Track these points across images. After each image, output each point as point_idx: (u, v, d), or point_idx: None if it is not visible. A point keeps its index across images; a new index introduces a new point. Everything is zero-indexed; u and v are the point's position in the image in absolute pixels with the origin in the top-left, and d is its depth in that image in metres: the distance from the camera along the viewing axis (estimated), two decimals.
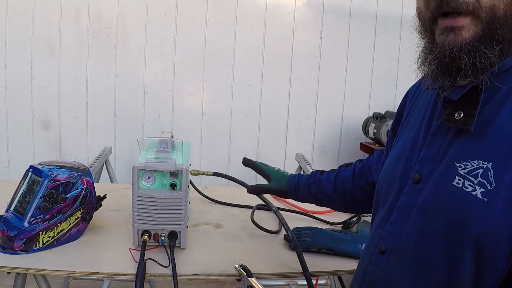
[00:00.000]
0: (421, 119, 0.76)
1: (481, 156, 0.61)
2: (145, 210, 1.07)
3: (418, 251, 0.67)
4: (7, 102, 2.64)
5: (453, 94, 0.65)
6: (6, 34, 2.56)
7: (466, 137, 0.64)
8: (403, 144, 0.78)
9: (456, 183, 0.62)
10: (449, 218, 0.63)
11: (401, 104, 0.89)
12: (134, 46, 2.66)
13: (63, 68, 2.64)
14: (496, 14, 0.60)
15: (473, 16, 0.60)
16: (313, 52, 2.79)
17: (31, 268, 0.99)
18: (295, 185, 1.12)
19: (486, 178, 0.60)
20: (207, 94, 2.77)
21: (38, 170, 1.09)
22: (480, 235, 0.59)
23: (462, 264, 0.62)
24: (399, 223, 0.71)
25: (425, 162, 0.69)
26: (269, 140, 2.86)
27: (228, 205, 1.51)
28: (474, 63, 0.61)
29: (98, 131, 2.72)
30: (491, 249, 0.59)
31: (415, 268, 0.67)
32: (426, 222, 0.66)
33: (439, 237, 0.64)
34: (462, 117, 0.64)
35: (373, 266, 0.74)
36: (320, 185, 1.10)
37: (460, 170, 0.63)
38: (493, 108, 0.62)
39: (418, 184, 0.69)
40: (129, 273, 1.00)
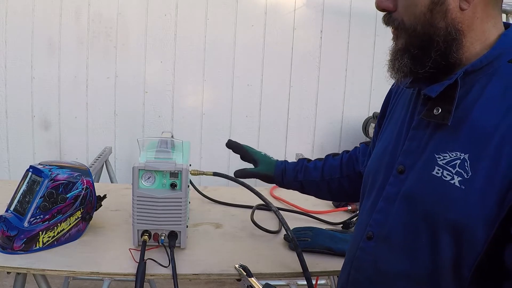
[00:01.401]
0: (404, 114, 0.81)
1: (458, 148, 0.66)
2: (145, 210, 1.07)
3: (403, 236, 0.72)
4: (7, 102, 2.63)
5: (431, 91, 0.71)
6: (6, 34, 2.56)
7: (444, 131, 0.70)
8: (388, 137, 0.84)
9: (436, 173, 0.68)
10: (430, 205, 0.68)
11: (385, 101, 0.96)
12: (134, 46, 2.66)
13: (63, 68, 2.64)
14: (416, 31, 0.70)
15: (401, 31, 0.72)
16: (313, 52, 2.79)
17: (31, 268, 0.99)
18: (282, 171, 1.15)
19: (463, 168, 0.65)
20: (207, 94, 2.76)
21: (38, 170, 1.09)
22: (458, 220, 0.65)
23: (442, 247, 0.67)
24: (384, 211, 0.76)
25: (408, 154, 0.75)
26: (269, 140, 2.85)
27: (228, 205, 1.51)
28: (406, 63, 0.72)
29: (98, 131, 2.72)
30: (469, 233, 0.64)
31: (400, 252, 0.73)
32: (409, 210, 0.72)
33: (422, 223, 0.70)
34: (440, 113, 0.69)
35: (361, 252, 0.79)
36: (307, 173, 1.13)
37: (439, 161, 0.68)
38: (468, 104, 0.68)
39: (402, 175, 0.75)
40: (129, 273, 1.00)
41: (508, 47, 0.69)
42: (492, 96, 0.66)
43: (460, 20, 0.68)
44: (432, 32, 0.69)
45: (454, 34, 0.68)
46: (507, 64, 0.68)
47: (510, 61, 0.68)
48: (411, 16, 0.70)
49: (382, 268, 0.75)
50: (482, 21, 0.69)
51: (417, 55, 0.71)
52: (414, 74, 0.73)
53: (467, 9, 0.68)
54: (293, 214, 1.47)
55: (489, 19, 0.69)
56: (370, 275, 0.77)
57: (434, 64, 0.70)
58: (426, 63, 0.70)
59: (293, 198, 1.58)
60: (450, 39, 0.69)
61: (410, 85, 0.78)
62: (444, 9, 0.68)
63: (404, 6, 0.71)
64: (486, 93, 0.67)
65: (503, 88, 0.66)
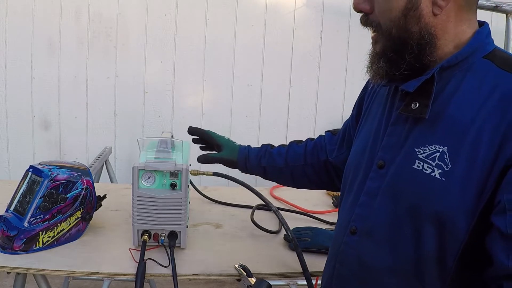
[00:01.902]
0: (381, 111, 0.83)
1: (437, 141, 0.69)
2: (145, 210, 1.07)
3: (386, 230, 0.74)
4: (7, 102, 2.63)
5: (408, 86, 0.73)
6: (6, 34, 2.56)
7: (422, 125, 0.71)
8: (366, 134, 0.86)
9: (417, 166, 0.70)
10: (413, 198, 0.70)
11: (359, 99, 0.99)
12: (134, 46, 2.66)
13: (63, 68, 2.64)
14: (391, 35, 0.72)
15: (379, 33, 0.75)
16: (313, 52, 2.79)
17: (31, 268, 0.99)
18: (245, 156, 1.16)
19: (442, 161, 0.67)
20: (207, 94, 2.76)
21: (38, 170, 1.09)
22: (440, 211, 0.67)
23: (426, 238, 0.69)
24: (366, 205, 0.78)
25: (387, 149, 0.77)
26: (269, 140, 2.83)
27: (228, 205, 1.51)
28: (382, 66, 0.74)
29: (98, 131, 2.72)
30: (451, 223, 0.66)
31: (384, 245, 0.74)
32: (392, 203, 0.73)
33: (405, 215, 0.71)
34: (418, 107, 0.71)
35: (345, 246, 0.81)
36: (271, 159, 1.15)
37: (419, 154, 0.70)
38: (445, 98, 0.70)
39: (382, 170, 0.76)
40: (129, 273, 1.00)
41: (482, 44, 0.72)
42: (468, 90, 0.69)
43: (433, 24, 0.71)
44: (406, 36, 0.71)
45: (428, 38, 0.71)
46: (482, 60, 0.71)
47: (485, 57, 0.71)
48: (387, 20, 0.73)
49: (366, 262, 0.77)
50: (455, 24, 0.71)
51: (392, 58, 0.73)
52: (390, 77, 0.75)
53: (440, 14, 0.70)
54: (293, 214, 1.47)
55: (463, 22, 0.72)
56: (354, 269, 0.79)
57: (408, 66, 0.73)
58: (401, 65, 0.73)
59: (293, 198, 1.58)
60: (423, 42, 0.71)
61: (387, 83, 0.79)
62: (417, 14, 0.70)
63: (380, 10, 0.74)
64: (462, 87, 0.70)
65: (478, 83, 0.69)
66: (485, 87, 0.68)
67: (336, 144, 1.08)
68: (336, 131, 1.12)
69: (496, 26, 2.67)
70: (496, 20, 2.66)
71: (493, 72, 0.69)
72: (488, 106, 0.66)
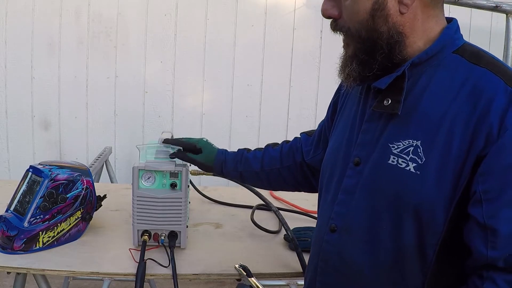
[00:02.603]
0: (355, 109, 0.85)
1: (411, 136, 0.70)
2: (145, 210, 1.07)
3: (365, 225, 0.75)
4: (7, 102, 2.63)
5: (381, 83, 0.74)
6: (6, 34, 2.56)
7: (396, 121, 0.73)
8: (341, 132, 0.87)
9: (391, 161, 0.71)
10: (389, 193, 0.72)
11: (334, 98, 1.00)
12: (134, 46, 2.66)
13: (63, 68, 2.64)
14: (361, 37, 0.73)
15: (349, 37, 0.76)
16: (313, 52, 2.78)
17: (31, 268, 0.99)
18: (221, 162, 1.14)
19: (416, 154, 0.69)
20: (207, 94, 2.76)
21: (38, 170, 1.09)
22: (417, 204, 0.68)
23: (405, 232, 0.70)
24: (345, 203, 0.79)
25: (362, 146, 0.78)
26: (269, 140, 2.81)
27: (228, 205, 1.51)
28: (355, 69, 0.75)
29: (98, 131, 2.72)
30: (428, 215, 0.68)
31: (364, 240, 0.76)
32: (369, 199, 0.75)
33: (383, 210, 0.73)
34: (390, 103, 0.72)
35: (326, 244, 0.82)
36: (247, 163, 1.13)
37: (394, 149, 0.71)
38: (417, 94, 0.72)
39: (358, 167, 0.78)
40: (129, 273, 1.00)
41: (451, 39, 0.73)
42: (440, 85, 0.70)
43: (401, 23, 0.72)
44: (375, 36, 0.72)
45: (397, 37, 0.72)
46: (451, 55, 0.72)
47: (454, 52, 0.72)
48: (356, 23, 0.74)
49: (348, 259, 0.78)
50: (423, 21, 0.73)
51: (364, 59, 0.74)
52: (363, 78, 0.76)
53: (406, 13, 0.71)
54: (293, 214, 1.47)
55: (430, 19, 0.73)
56: (337, 266, 0.80)
57: (380, 66, 0.74)
58: (373, 66, 0.74)
59: (293, 198, 1.58)
60: (393, 42, 0.72)
61: (360, 83, 0.80)
62: (385, 14, 0.71)
63: (348, 14, 0.75)
64: (433, 83, 0.71)
65: (449, 77, 0.70)
66: (456, 81, 0.69)
67: (312, 145, 1.08)
68: (311, 132, 1.12)
69: (496, 26, 2.68)
70: (496, 20, 2.67)
71: (463, 66, 0.70)
72: (459, 99, 0.67)
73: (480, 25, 2.77)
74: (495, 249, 0.63)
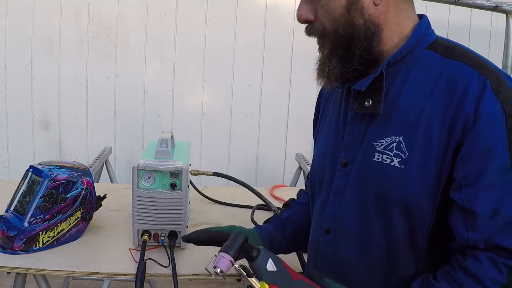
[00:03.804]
0: (337, 113, 0.86)
1: (393, 133, 0.72)
2: (145, 210, 1.07)
3: (357, 224, 0.77)
4: (7, 102, 2.63)
5: (360, 85, 0.76)
6: (6, 34, 2.56)
7: (378, 120, 0.75)
8: (326, 137, 0.89)
9: (376, 159, 0.74)
10: (377, 189, 0.74)
11: (317, 103, 1.01)
12: (134, 46, 2.66)
13: (63, 68, 2.64)
14: (338, 34, 0.75)
15: (325, 38, 0.77)
16: (313, 52, 2.76)
17: (31, 268, 0.99)
18: (268, 236, 0.99)
19: (400, 150, 0.71)
20: (207, 94, 2.76)
21: (38, 170, 1.09)
22: (404, 197, 0.71)
23: (395, 226, 0.73)
24: (336, 204, 0.81)
25: (348, 147, 0.80)
26: (269, 140, 2.86)
27: (228, 205, 1.51)
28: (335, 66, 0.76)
29: (98, 131, 2.72)
30: (416, 207, 0.70)
31: (357, 239, 0.78)
32: (359, 198, 0.77)
33: (372, 207, 0.75)
34: (371, 104, 0.75)
35: (322, 245, 0.84)
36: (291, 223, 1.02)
37: (377, 147, 0.74)
38: (395, 91, 0.74)
39: (346, 168, 0.80)
40: (129, 273, 1.00)
41: (423, 35, 0.76)
42: (416, 81, 0.73)
43: (376, 15, 0.74)
44: (353, 30, 0.74)
45: (373, 29, 0.74)
46: (424, 51, 0.75)
47: (427, 47, 0.75)
48: (332, 21, 0.75)
49: (343, 259, 0.80)
50: (395, 14, 0.75)
51: (343, 55, 0.76)
52: (345, 75, 0.77)
53: (380, 4, 0.74)
54: None
55: (401, 12, 0.76)
56: (334, 266, 0.81)
57: (360, 60, 0.75)
58: (353, 60, 0.75)
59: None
60: (370, 33, 0.74)
61: (340, 85, 0.81)
62: (360, 7, 0.73)
63: (323, 13, 0.77)
64: (409, 80, 0.73)
65: (424, 73, 0.73)
66: (430, 76, 0.71)
67: None
68: None
69: (496, 26, 2.68)
70: (496, 20, 2.67)
71: (437, 61, 0.72)
72: (435, 93, 0.70)
73: (480, 25, 2.77)
74: (475, 231, 0.65)
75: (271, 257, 0.75)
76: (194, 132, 2.79)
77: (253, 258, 0.75)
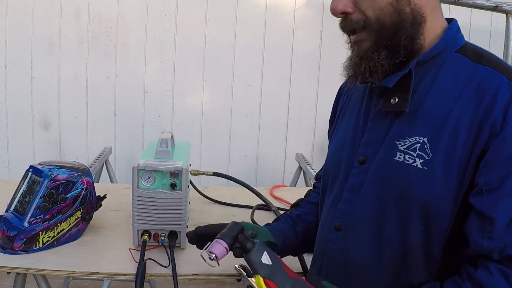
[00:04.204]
0: (358, 109, 0.85)
1: (417, 133, 0.71)
2: (145, 210, 1.07)
3: (371, 223, 0.75)
4: (7, 102, 2.64)
5: (387, 82, 0.75)
6: (6, 34, 2.56)
7: (402, 119, 0.74)
8: (344, 132, 0.87)
9: (398, 158, 0.72)
10: (397, 189, 0.72)
11: (336, 100, 1.00)
12: (134, 46, 2.66)
13: (63, 68, 2.64)
14: (384, 24, 0.72)
15: (367, 30, 0.74)
16: (313, 52, 2.79)
17: (31, 268, 0.99)
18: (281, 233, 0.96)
19: (423, 151, 0.70)
20: (207, 94, 2.77)
21: (38, 170, 1.09)
22: (424, 199, 0.69)
23: (412, 228, 0.71)
24: (350, 201, 0.79)
25: (368, 145, 0.78)
26: (269, 140, 2.86)
27: (228, 205, 1.51)
28: (369, 67, 0.74)
29: (98, 131, 2.72)
30: (435, 211, 0.69)
31: (369, 238, 0.76)
32: (376, 197, 0.75)
33: (389, 207, 0.73)
34: (397, 102, 0.73)
35: (331, 243, 0.82)
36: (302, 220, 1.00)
37: (400, 146, 0.72)
38: (422, 91, 0.73)
39: (363, 165, 0.78)
40: (129, 273, 1.00)
41: (453, 39, 0.75)
42: (444, 84, 0.72)
43: (421, 5, 0.73)
44: (400, 19, 0.72)
45: (419, 20, 0.73)
46: (454, 54, 0.74)
47: (457, 51, 0.74)
48: (377, 10, 0.73)
49: (353, 257, 0.78)
50: (431, 9, 0.74)
51: (391, 46, 0.73)
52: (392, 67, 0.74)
53: None
54: None
55: (437, 9, 0.76)
56: (342, 264, 0.80)
57: (404, 51, 0.73)
58: (400, 52, 0.73)
59: (293, 198, 1.58)
60: (416, 23, 0.73)
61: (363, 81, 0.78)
62: None
63: (366, 3, 0.73)
64: (438, 81, 0.73)
65: (453, 76, 0.72)
66: (460, 80, 0.71)
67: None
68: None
69: (496, 26, 2.68)
70: (496, 20, 2.67)
71: (467, 66, 0.72)
72: (464, 97, 0.69)
73: (480, 25, 2.77)
74: (491, 239, 0.64)
75: (266, 251, 0.74)
76: (194, 132, 2.79)
77: (248, 250, 0.74)
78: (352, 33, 0.77)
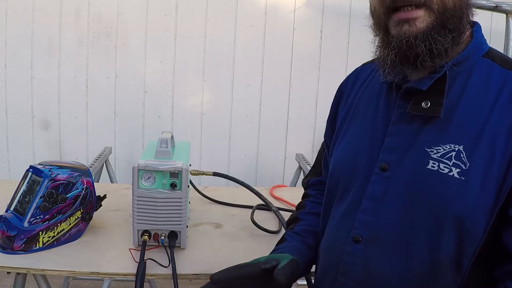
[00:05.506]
0: (373, 111, 0.79)
1: (451, 140, 0.67)
2: (145, 210, 1.07)
3: (397, 235, 0.70)
4: (7, 102, 2.63)
5: (421, 84, 0.70)
6: (6, 34, 2.56)
7: (433, 124, 0.69)
8: (356, 136, 0.81)
9: (431, 167, 0.67)
10: (430, 200, 0.67)
11: (336, 100, 0.94)
12: (134, 46, 2.66)
13: (63, 68, 2.64)
14: (446, 6, 0.67)
15: (426, 7, 0.66)
16: (313, 52, 2.78)
17: (31, 268, 0.99)
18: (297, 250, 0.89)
19: (459, 160, 0.65)
20: (207, 94, 2.76)
21: (38, 170, 1.09)
22: (460, 212, 0.65)
23: (443, 242, 0.66)
24: (371, 211, 0.73)
25: (391, 150, 0.73)
26: (269, 140, 2.85)
27: (228, 205, 1.51)
28: (431, 49, 0.67)
29: (98, 131, 2.72)
30: (471, 223, 0.65)
31: (395, 251, 0.70)
32: (403, 207, 0.70)
33: (420, 219, 0.68)
34: (429, 106, 0.69)
35: (348, 256, 0.75)
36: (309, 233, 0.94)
37: (433, 154, 0.67)
38: (454, 96, 0.69)
39: (386, 172, 0.72)
40: (129, 273, 1.00)
41: (480, 43, 0.73)
42: (476, 89, 0.69)
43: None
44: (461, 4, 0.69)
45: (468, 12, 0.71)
46: (482, 59, 0.71)
47: (484, 56, 0.72)
48: None
49: (374, 271, 0.72)
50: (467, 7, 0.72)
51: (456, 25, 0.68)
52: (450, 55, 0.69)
53: None
54: None
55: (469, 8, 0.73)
56: (360, 279, 0.74)
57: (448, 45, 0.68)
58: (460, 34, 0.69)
59: (293, 198, 1.58)
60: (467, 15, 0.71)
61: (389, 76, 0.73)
62: None
63: None
64: (469, 87, 0.69)
65: (484, 81, 0.69)
66: (492, 86, 0.68)
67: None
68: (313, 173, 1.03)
69: (496, 26, 2.67)
70: (496, 20, 2.66)
71: (497, 71, 0.70)
72: (499, 105, 0.66)
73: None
74: None
75: None
76: (194, 132, 2.79)
77: None
78: (399, 9, 0.68)
